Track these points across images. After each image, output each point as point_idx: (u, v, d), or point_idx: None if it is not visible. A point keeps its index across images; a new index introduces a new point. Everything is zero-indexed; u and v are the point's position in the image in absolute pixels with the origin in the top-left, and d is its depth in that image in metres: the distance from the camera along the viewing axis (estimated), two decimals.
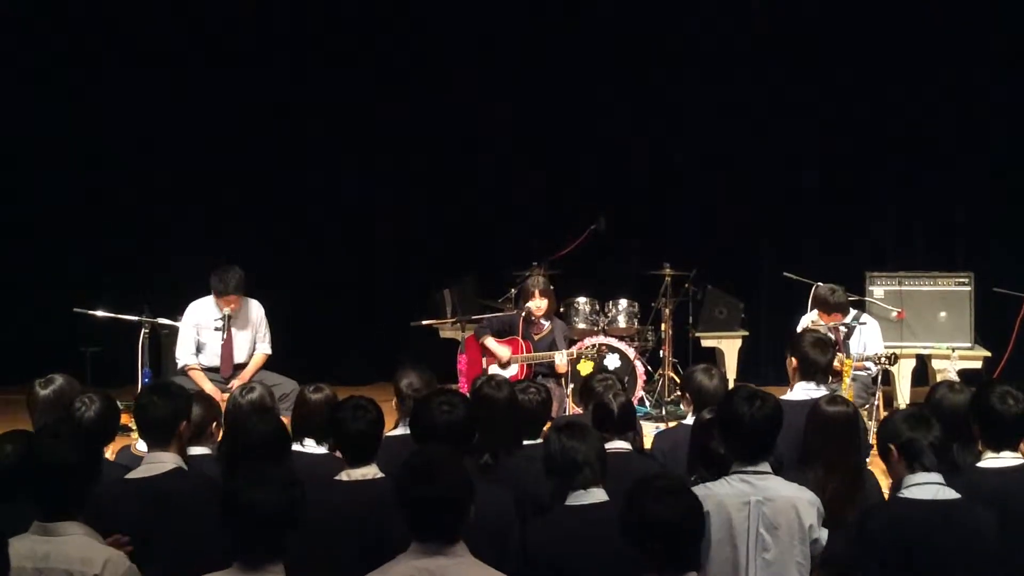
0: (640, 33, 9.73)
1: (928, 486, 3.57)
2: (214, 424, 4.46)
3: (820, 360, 4.98)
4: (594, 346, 7.81)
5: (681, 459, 4.39)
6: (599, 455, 3.72)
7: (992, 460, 3.87)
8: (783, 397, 4.84)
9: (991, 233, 9.43)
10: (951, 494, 3.58)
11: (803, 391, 4.89)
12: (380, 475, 3.85)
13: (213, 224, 9.71)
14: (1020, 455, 3.91)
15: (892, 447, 3.67)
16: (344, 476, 3.85)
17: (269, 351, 7.29)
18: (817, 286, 7.41)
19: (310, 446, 4.45)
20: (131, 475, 3.88)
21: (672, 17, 9.67)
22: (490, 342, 7.68)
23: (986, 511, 3.61)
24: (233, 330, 7.10)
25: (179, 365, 7.11)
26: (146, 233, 9.75)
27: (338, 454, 4.09)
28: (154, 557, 3.48)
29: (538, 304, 7.63)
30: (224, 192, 9.81)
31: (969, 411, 4.02)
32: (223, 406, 4.81)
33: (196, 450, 4.25)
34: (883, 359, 6.83)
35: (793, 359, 5.05)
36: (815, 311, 7.28)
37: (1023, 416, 3.86)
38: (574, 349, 7.69)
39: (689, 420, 4.92)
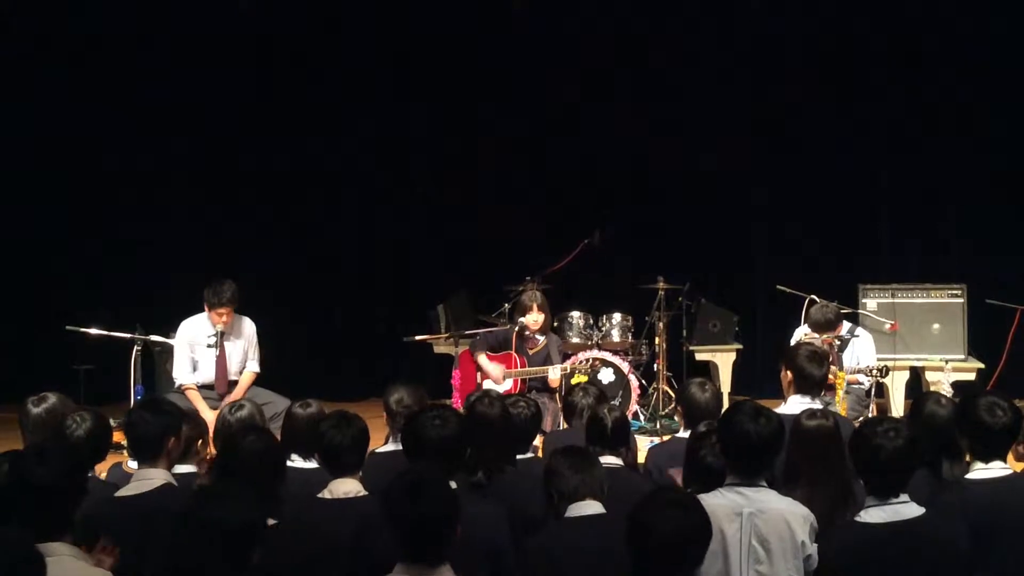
0: (633, 45, 9.75)
1: (886, 507, 3.50)
2: (199, 442, 4.44)
3: (816, 374, 4.98)
4: (587, 360, 7.80)
5: (677, 472, 4.38)
6: (600, 482, 3.72)
7: (981, 471, 3.84)
8: (777, 410, 4.84)
9: (984, 245, 9.44)
10: (913, 512, 3.50)
11: (798, 404, 4.88)
12: (363, 492, 3.85)
13: (207, 241, 9.71)
14: (1007, 466, 3.90)
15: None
16: (327, 494, 3.84)
17: (258, 369, 7.26)
18: (809, 299, 7.41)
19: (298, 461, 4.43)
20: (121, 492, 3.88)
21: (667, 28, 9.69)
22: (483, 360, 7.68)
23: (953, 522, 3.58)
24: (226, 346, 7.08)
25: (176, 384, 7.09)
26: (139, 250, 9.74)
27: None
28: (144, 573, 3.46)
29: (535, 318, 7.64)
30: (219, 209, 9.80)
31: (956, 423, 3.99)
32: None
33: (181, 468, 4.23)
34: (875, 372, 6.83)
35: (788, 372, 5.04)
36: (808, 324, 7.28)
37: (1011, 426, 3.84)
38: (568, 364, 7.69)
39: (683, 433, 4.92)
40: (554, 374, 7.48)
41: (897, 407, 8.18)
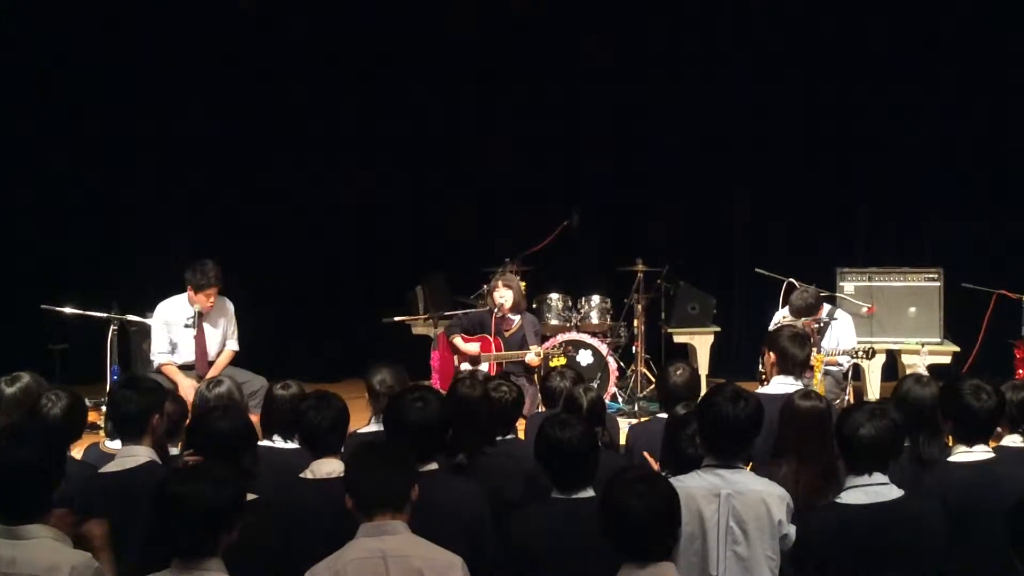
0: (613, 33, 9.74)
1: (867, 488, 3.51)
2: (187, 421, 4.40)
3: (798, 354, 5.02)
4: (560, 344, 7.79)
5: (657, 452, 4.39)
6: (592, 448, 3.72)
7: (963, 454, 3.88)
8: (760, 391, 4.88)
9: (960, 229, 9.49)
10: (892, 493, 3.52)
11: (780, 385, 4.92)
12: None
13: (181, 220, 9.64)
14: (990, 449, 3.93)
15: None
16: (308, 474, 3.83)
17: (236, 348, 7.22)
18: (788, 283, 7.43)
19: (278, 442, 4.41)
20: (105, 469, 3.85)
21: (646, 15, 9.68)
22: (458, 341, 7.66)
23: (930, 504, 3.61)
24: (206, 326, 7.02)
25: (154, 364, 7.02)
26: (113, 228, 9.66)
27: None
28: (128, 550, 3.44)
29: (501, 294, 7.58)
30: (192, 188, 9.73)
31: (940, 405, 4.02)
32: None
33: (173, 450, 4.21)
34: (860, 353, 6.85)
35: (771, 353, 5.07)
36: (787, 308, 7.30)
37: (995, 410, 3.87)
38: (542, 349, 7.67)
39: (663, 413, 4.92)
40: (532, 356, 7.47)
41: (873, 389, 8.22)
